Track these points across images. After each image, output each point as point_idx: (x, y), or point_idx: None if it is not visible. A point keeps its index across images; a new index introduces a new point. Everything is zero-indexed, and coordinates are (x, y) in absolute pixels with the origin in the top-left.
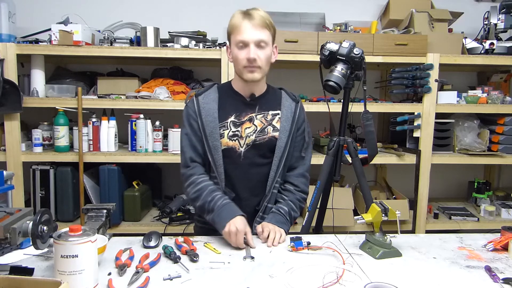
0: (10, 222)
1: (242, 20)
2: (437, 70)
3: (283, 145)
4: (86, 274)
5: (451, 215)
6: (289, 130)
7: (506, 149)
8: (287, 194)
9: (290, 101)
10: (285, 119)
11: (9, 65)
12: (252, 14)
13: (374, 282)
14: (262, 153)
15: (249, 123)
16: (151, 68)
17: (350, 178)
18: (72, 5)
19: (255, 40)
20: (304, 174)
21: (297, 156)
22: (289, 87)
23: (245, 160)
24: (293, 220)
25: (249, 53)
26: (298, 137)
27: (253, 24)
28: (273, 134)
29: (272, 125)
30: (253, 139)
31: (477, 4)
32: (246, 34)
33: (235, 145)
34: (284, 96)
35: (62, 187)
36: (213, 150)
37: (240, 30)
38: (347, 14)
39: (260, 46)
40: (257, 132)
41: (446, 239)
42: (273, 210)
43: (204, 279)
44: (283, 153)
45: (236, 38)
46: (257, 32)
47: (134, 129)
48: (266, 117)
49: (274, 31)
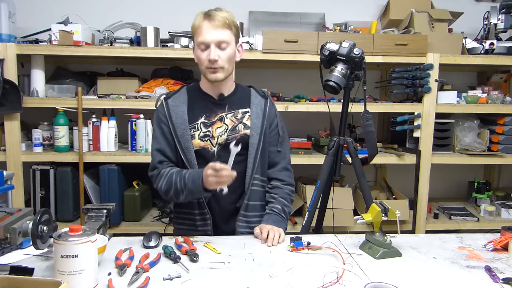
0: (10, 222)
1: (202, 21)
2: (437, 70)
3: (256, 142)
4: (86, 274)
5: (451, 215)
6: (260, 126)
7: (506, 149)
8: (276, 191)
9: (260, 98)
10: (255, 116)
11: (9, 65)
12: (212, 15)
13: (374, 282)
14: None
15: (220, 122)
16: (151, 68)
17: (350, 178)
18: (72, 5)
19: (216, 41)
20: (286, 167)
21: (274, 151)
22: (289, 87)
23: (219, 159)
24: (288, 216)
25: (210, 54)
26: (272, 132)
27: (212, 24)
28: (244, 131)
29: (242, 123)
30: (225, 138)
31: (477, 4)
32: (206, 35)
33: (207, 145)
34: (253, 93)
35: (62, 187)
36: (186, 151)
37: (201, 31)
38: (347, 14)
39: (221, 47)
40: (229, 131)
41: (446, 239)
42: (267, 211)
43: (204, 279)
44: (257, 149)
45: (198, 39)
46: (217, 32)
47: (134, 129)
48: (236, 115)
49: (237, 30)
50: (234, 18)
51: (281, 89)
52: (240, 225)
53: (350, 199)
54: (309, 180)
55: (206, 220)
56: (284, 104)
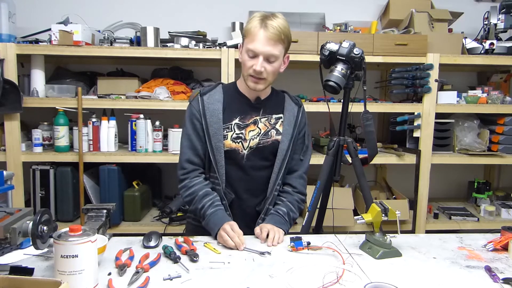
0: (10, 222)
1: (258, 29)
2: (437, 70)
3: (285, 148)
4: (86, 274)
5: (451, 215)
6: (291, 134)
7: (506, 149)
8: (285, 195)
9: (293, 105)
10: (287, 123)
11: (9, 65)
12: (269, 25)
13: (374, 282)
14: (265, 156)
15: (254, 126)
16: (151, 68)
17: (350, 178)
18: (72, 5)
19: (266, 54)
20: (302, 176)
21: (296, 159)
22: (289, 87)
23: (247, 163)
24: (292, 221)
25: (257, 65)
26: (299, 140)
27: (266, 36)
28: (276, 137)
29: (275, 129)
30: (256, 142)
31: (477, 4)
32: (258, 45)
33: (238, 147)
34: (287, 99)
35: (62, 187)
36: (216, 150)
37: (254, 39)
38: (347, 14)
39: (269, 60)
40: (261, 135)
41: (446, 239)
42: (271, 212)
43: (204, 279)
44: (285, 156)
45: (248, 45)
46: (269, 46)
47: (134, 129)
48: (269, 120)
49: (289, 44)
50: (289, 28)
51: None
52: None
53: (350, 199)
54: (309, 180)
55: None
56: None
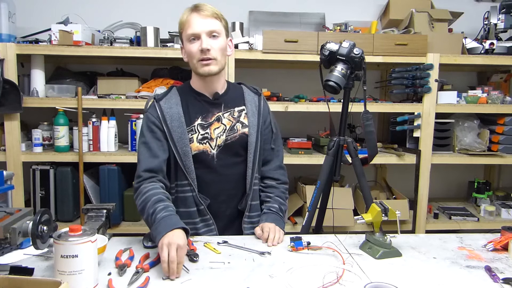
0: (10, 222)
1: (190, 14)
2: (437, 70)
3: (255, 140)
4: (86, 274)
5: (451, 215)
6: (257, 124)
7: (506, 149)
8: (271, 190)
9: (253, 95)
10: (251, 114)
11: (9, 65)
12: (200, 7)
13: (374, 282)
14: (235, 152)
15: (218, 123)
16: (151, 68)
17: (350, 178)
18: (72, 5)
19: (206, 31)
20: (281, 166)
21: (268, 148)
22: (289, 87)
23: (218, 162)
24: (284, 214)
25: (202, 44)
26: (266, 129)
27: (202, 15)
28: (243, 130)
29: (240, 122)
30: (224, 139)
31: (477, 4)
32: (196, 26)
33: (206, 148)
34: (245, 90)
35: (62, 187)
36: (183, 156)
37: (190, 24)
38: (347, 14)
39: (212, 36)
40: (227, 131)
41: (446, 239)
42: (265, 211)
43: (204, 279)
44: (256, 147)
45: (187, 32)
46: (207, 22)
47: (134, 129)
48: (232, 114)
49: (226, 23)
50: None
51: (281, 89)
52: (245, 227)
53: (350, 199)
54: (309, 180)
55: (209, 225)
56: (284, 104)
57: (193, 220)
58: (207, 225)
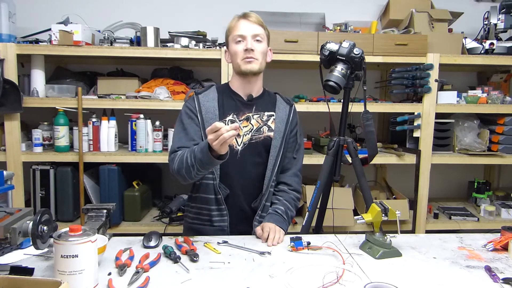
0: (10, 222)
1: (238, 20)
2: (437, 70)
3: (278, 145)
4: (86, 274)
5: (451, 215)
6: (283, 131)
7: (506, 149)
8: (282, 194)
9: (285, 104)
10: (279, 121)
11: (9, 65)
12: (248, 14)
13: (374, 282)
14: (258, 152)
15: (246, 122)
16: (151, 68)
17: (350, 178)
18: (72, 5)
19: (252, 34)
20: (297, 174)
21: (289, 157)
22: (289, 87)
23: (241, 158)
24: (290, 219)
25: (247, 44)
26: (291, 139)
27: (249, 21)
28: (268, 134)
29: (267, 125)
30: (249, 138)
31: (477, 4)
32: (243, 29)
33: (233, 143)
34: (279, 99)
35: (62, 187)
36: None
37: (238, 27)
38: (347, 14)
39: (256, 40)
40: (253, 131)
41: (446, 239)
42: (270, 212)
43: (204, 279)
44: (278, 152)
45: (234, 34)
46: (253, 27)
47: (134, 129)
48: (262, 117)
49: (269, 33)
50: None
51: (281, 89)
52: (256, 225)
53: (350, 199)
54: (309, 180)
55: (223, 216)
56: None
57: (210, 207)
58: (221, 215)
